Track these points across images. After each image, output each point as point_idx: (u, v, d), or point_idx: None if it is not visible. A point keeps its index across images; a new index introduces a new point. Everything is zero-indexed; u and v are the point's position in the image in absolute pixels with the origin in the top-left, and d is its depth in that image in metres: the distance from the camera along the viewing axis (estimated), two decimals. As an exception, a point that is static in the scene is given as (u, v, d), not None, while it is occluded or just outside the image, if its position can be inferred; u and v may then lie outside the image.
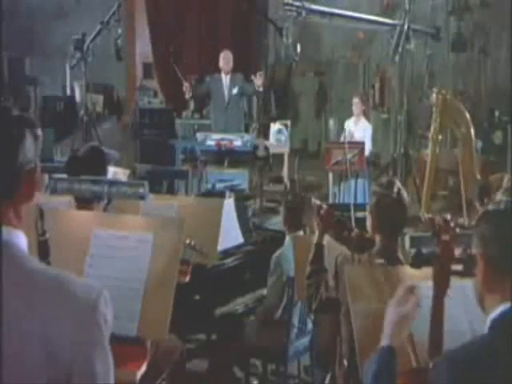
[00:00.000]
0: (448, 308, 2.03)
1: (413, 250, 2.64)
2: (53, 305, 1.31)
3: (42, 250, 2.16)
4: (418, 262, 2.86)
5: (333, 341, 3.12)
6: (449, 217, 2.08)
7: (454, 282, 2.21)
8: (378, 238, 2.99)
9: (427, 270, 2.06)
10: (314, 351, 4.03)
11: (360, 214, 3.77)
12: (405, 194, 3.00)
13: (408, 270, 2.65)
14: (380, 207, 2.97)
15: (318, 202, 3.35)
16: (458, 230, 2.22)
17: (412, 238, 3.07)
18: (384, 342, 1.83)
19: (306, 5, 7.27)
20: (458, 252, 2.20)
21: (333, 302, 3.01)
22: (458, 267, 2.09)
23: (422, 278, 2.19)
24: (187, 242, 3.28)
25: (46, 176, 3.09)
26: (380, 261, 2.89)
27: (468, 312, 2.28)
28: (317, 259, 3.19)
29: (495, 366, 1.48)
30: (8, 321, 1.28)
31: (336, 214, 3.29)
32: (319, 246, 3.21)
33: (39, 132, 1.40)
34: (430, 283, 2.07)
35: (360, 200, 6.84)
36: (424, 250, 2.80)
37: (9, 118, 1.36)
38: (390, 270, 2.82)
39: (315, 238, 3.25)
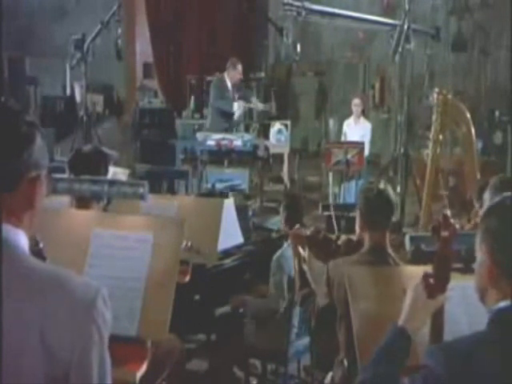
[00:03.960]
0: (448, 308, 2.03)
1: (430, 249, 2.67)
2: (51, 302, 1.32)
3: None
4: (416, 257, 2.88)
5: (332, 343, 3.14)
6: (448, 213, 2.08)
7: (455, 282, 2.21)
8: (366, 237, 3.05)
9: (428, 269, 2.05)
10: (314, 352, 4.03)
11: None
12: (391, 191, 3.10)
13: (408, 270, 2.65)
14: (367, 202, 3.06)
15: (295, 227, 3.42)
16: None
17: (412, 238, 3.08)
18: (399, 322, 1.86)
19: (306, 5, 7.26)
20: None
21: (329, 309, 3.04)
22: (458, 265, 2.09)
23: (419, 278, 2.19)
24: (184, 243, 3.27)
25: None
26: (370, 259, 2.95)
27: (468, 312, 2.28)
28: (304, 284, 3.26)
29: (493, 360, 1.49)
30: (7, 318, 1.28)
31: (321, 231, 3.38)
32: (301, 272, 3.28)
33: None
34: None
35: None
36: (425, 249, 2.82)
37: (21, 118, 1.38)
38: (390, 269, 2.82)
39: (296, 264, 3.34)
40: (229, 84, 8.17)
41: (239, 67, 8.21)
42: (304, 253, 3.38)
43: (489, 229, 1.58)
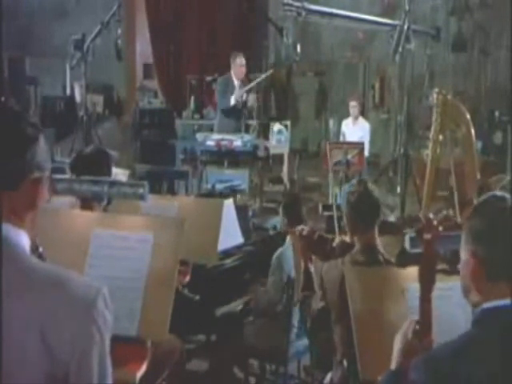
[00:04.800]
0: (447, 308, 2.03)
1: (415, 250, 2.66)
2: (51, 302, 1.32)
3: None
4: (401, 260, 2.88)
5: (331, 343, 3.13)
6: (431, 215, 2.08)
7: (453, 282, 2.21)
8: (356, 238, 3.05)
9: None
10: (314, 352, 4.03)
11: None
12: (374, 190, 3.07)
13: (407, 270, 2.65)
14: (349, 206, 3.06)
15: (299, 227, 3.35)
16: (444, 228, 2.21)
17: (412, 238, 3.08)
18: (392, 366, 1.91)
19: (306, 5, 7.27)
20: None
21: (324, 311, 3.04)
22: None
23: (417, 279, 2.20)
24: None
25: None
26: (361, 259, 2.94)
27: (467, 312, 2.28)
28: (307, 285, 3.23)
29: (479, 361, 1.49)
30: (7, 317, 1.28)
31: (316, 231, 3.33)
32: (307, 273, 3.23)
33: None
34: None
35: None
36: (410, 251, 2.82)
37: (25, 120, 1.40)
38: (388, 270, 2.83)
39: (302, 265, 3.29)
40: (235, 81, 8.06)
41: (239, 60, 8.01)
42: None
43: (472, 229, 1.58)
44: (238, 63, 8.03)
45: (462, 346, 1.52)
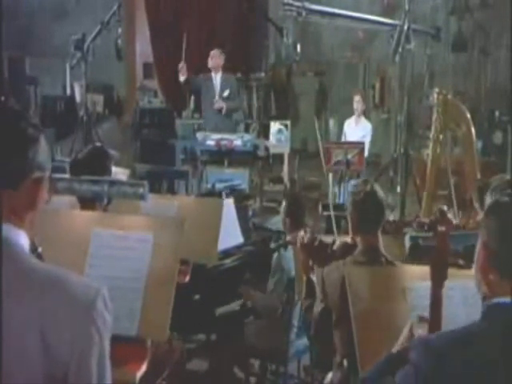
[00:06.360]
0: (450, 309, 2.03)
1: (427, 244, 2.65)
2: (51, 302, 1.32)
3: None
4: (414, 253, 2.88)
5: (331, 343, 3.13)
6: (445, 208, 2.08)
7: (455, 281, 2.21)
8: (359, 239, 3.01)
9: (426, 270, 2.06)
10: (314, 351, 4.03)
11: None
12: (379, 191, 3.02)
13: (407, 270, 2.65)
14: (354, 206, 3.01)
15: (301, 233, 3.30)
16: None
17: (412, 238, 3.08)
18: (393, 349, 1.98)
19: (306, 5, 7.27)
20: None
21: (325, 312, 3.03)
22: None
23: (420, 278, 2.20)
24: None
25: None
26: (362, 260, 2.92)
27: (468, 312, 2.28)
28: (309, 293, 3.21)
29: (477, 354, 1.50)
30: (7, 317, 1.28)
31: (317, 237, 3.29)
32: (309, 281, 3.22)
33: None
34: (428, 283, 2.07)
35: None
36: (422, 243, 2.81)
37: (26, 120, 1.40)
38: (389, 269, 2.83)
39: (304, 278, 3.27)
40: (213, 78, 8.04)
41: (212, 53, 8.01)
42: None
43: (486, 226, 1.60)
44: (211, 55, 8.02)
45: (463, 337, 1.55)
